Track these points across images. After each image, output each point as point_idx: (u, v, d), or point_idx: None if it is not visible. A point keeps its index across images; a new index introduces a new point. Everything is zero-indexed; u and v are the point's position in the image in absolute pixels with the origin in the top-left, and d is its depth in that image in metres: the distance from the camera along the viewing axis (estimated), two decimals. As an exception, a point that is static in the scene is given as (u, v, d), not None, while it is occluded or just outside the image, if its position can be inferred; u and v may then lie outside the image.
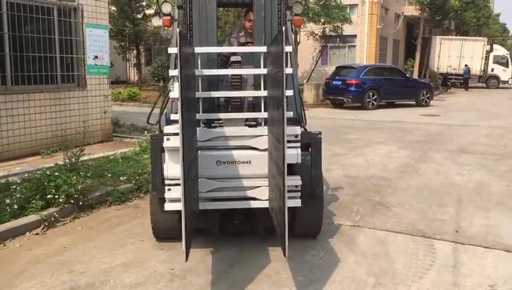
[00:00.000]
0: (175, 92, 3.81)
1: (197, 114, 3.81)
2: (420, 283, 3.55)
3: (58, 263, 3.88)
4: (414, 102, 19.03)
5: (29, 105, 7.65)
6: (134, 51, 24.54)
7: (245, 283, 3.53)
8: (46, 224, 4.66)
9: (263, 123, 3.86)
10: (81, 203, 5.07)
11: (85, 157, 6.12)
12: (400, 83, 18.52)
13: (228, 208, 3.89)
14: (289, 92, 3.94)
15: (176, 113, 4.05)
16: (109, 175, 5.97)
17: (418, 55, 28.32)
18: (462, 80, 29.77)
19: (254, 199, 3.86)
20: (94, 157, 6.89)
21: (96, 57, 8.88)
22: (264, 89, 3.89)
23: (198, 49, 3.84)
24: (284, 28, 3.25)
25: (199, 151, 3.74)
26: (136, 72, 25.54)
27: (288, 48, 3.98)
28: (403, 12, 29.78)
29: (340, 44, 26.08)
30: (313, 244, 4.25)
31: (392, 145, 9.62)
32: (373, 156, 8.47)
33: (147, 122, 4.46)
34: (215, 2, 4.06)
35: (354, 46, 26.35)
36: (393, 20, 29.67)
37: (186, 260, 3.15)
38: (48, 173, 5.23)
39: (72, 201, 4.99)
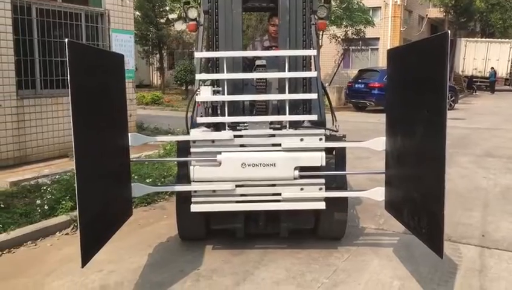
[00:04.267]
0: (201, 96, 3.90)
1: (222, 117, 3.87)
2: (446, 287, 3.54)
3: (88, 263, 3.97)
4: (438, 105, 18.78)
5: (58, 108, 7.84)
6: (158, 55, 24.87)
7: (270, 285, 3.57)
8: (75, 224, 4.77)
9: (287, 126, 3.90)
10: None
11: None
12: (423, 86, 18.32)
13: (252, 209, 3.93)
14: (313, 96, 3.99)
15: (202, 116, 4.15)
16: (135, 177, 6.07)
17: (442, 57, 27.96)
18: (488, 83, 29.31)
19: (278, 201, 3.90)
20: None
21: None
22: (289, 92, 3.92)
23: (221, 54, 3.92)
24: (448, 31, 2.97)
25: (224, 154, 3.79)
26: (159, 76, 25.87)
27: (313, 52, 4.04)
28: (426, 15, 29.53)
29: (362, 47, 25.97)
30: (337, 246, 4.26)
31: (416, 149, 9.52)
32: (397, 159, 8.40)
33: (187, 132, 4.17)
34: (240, 7, 4.12)
35: (377, 49, 26.23)
36: (417, 23, 29.42)
37: (83, 265, 2.99)
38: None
39: (100, 202, 5.10)
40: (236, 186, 3.85)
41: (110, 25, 8.84)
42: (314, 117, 3.93)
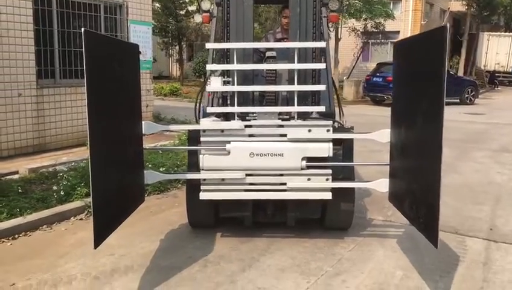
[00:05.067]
0: (211, 86, 3.98)
1: (231, 107, 3.95)
2: (448, 278, 3.57)
3: (100, 246, 4.10)
4: (458, 100, 18.63)
5: (76, 98, 8.03)
6: (177, 47, 25.01)
7: (275, 271, 3.65)
8: (90, 210, 4.90)
9: (296, 117, 3.96)
10: (122, 191, 5.31)
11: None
12: (443, 80, 18.13)
13: (260, 198, 4.01)
14: (321, 87, 4.04)
15: (212, 106, 4.23)
16: (149, 166, 6.20)
17: (463, 52, 27.53)
18: (511, 78, 28.77)
19: (285, 190, 3.97)
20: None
21: (139, 52, 9.16)
22: (299, 84, 3.98)
23: (232, 45, 3.99)
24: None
25: (233, 144, 3.87)
26: (178, 67, 26.02)
27: (322, 44, 4.08)
28: (448, 8, 29.04)
29: (382, 40, 25.71)
30: (344, 237, 4.32)
31: (431, 143, 9.48)
32: (411, 153, 8.39)
33: (196, 121, 4.41)
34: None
35: (397, 42, 25.90)
36: (439, 16, 28.99)
37: (95, 247, 3.11)
38: (92, 162, 5.51)
39: (114, 189, 5.24)
40: (246, 175, 3.92)
41: (129, 16, 8.99)
42: (322, 108, 3.98)
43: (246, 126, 3.91)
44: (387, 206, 5.14)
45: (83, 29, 2.91)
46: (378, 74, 17.80)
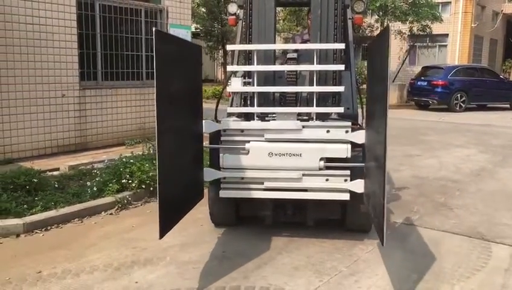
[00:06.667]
0: (231, 86, 4.08)
1: (251, 108, 4.04)
2: (466, 283, 3.49)
3: (125, 240, 4.29)
4: (508, 105, 17.97)
5: (117, 99, 8.34)
6: (221, 51, 25.37)
7: (289, 270, 3.69)
8: (120, 206, 5.14)
9: (314, 118, 3.99)
10: (152, 189, 5.47)
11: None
12: (492, 85, 17.54)
13: (278, 198, 4.06)
14: (340, 88, 4.05)
15: (233, 106, 4.33)
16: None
17: (516, 55, 26.44)
18: None
19: (304, 190, 4.01)
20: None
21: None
22: (319, 85, 4.02)
23: (250, 46, 4.08)
24: None
25: (252, 143, 3.95)
26: (223, 71, 26.37)
27: (341, 46, 4.09)
28: (502, 10, 27.96)
29: (429, 44, 25.10)
30: (364, 239, 4.30)
31: (472, 149, 9.22)
32: (448, 158, 8.20)
33: (215, 119, 4.55)
34: (273, 2, 4.25)
35: (445, 45, 25.17)
36: (491, 18, 27.95)
37: (160, 237, 3.29)
38: (124, 160, 5.74)
39: (143, 186, 5.42)
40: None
41: (168, 20, 9.24)
42: (340, 110, 3.99)
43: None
44: (415, 211, 5.11)
45: (154, 29, 3.06)
46: (422, 78, 17.42)
